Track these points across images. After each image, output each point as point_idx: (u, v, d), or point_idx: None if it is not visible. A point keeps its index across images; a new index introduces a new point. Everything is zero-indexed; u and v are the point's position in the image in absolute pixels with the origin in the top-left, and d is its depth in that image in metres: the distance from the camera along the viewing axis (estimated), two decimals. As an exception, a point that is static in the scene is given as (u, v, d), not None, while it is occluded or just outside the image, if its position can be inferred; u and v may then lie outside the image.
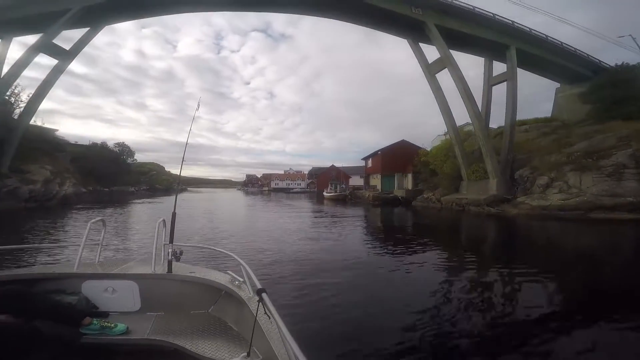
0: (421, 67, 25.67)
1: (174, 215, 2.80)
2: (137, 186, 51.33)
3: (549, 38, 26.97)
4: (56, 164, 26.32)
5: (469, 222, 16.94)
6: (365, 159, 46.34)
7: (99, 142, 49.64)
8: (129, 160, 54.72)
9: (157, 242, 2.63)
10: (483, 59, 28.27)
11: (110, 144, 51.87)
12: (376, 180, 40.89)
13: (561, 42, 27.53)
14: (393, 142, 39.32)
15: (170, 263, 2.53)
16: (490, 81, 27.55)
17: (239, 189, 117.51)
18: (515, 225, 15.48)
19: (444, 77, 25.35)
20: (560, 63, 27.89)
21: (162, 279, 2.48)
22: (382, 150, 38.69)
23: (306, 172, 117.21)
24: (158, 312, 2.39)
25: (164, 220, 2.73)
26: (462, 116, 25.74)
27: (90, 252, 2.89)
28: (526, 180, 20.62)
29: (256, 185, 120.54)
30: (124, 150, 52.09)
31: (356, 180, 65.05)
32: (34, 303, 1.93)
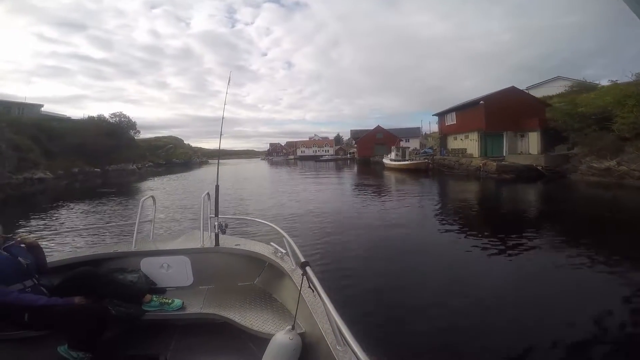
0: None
1: (217, 188, 2.76)
2: (141, 162, 42.22)
3: None
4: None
5: None
6: (442, 114, 32.66)
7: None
8: (133, 133, 45.52)
9: (203, 216, 2.74)
10: None
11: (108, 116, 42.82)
12: (464, 142, 28.16)
13: None
14: (499, 90, 25.86)
15: (217, 236, 2.64)
16: None
17: (263, 159, 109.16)
18: None
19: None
20: None
21: (211, 253, 2.63)
22: (485, 98, 25.21)
23: (332, 138, 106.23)
24: (209, 286, 2.55)
25: (208, 194, 2.77)
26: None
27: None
28: None
29: (281, 154, 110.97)
30: (122, 122, 42.72)
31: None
32: (102, 284, 2.09)
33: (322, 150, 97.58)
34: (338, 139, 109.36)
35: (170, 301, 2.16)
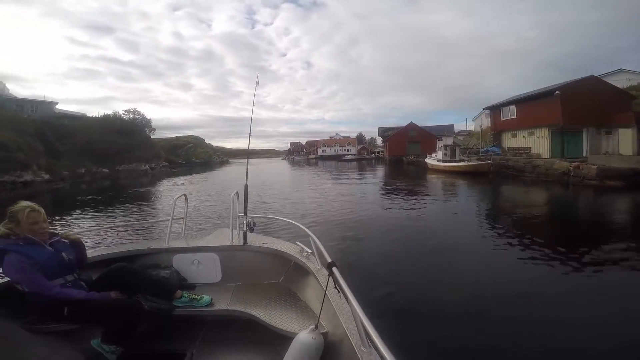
0: None
1: (246, 187, 2.84)
2: (154, 162, 39.95)
3: None
4: None
5: None
6: (497, 107, 27.40)
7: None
8: (148, 132, 43.61)
9: (232, 214, 2.75)
10: None
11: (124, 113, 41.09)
12: (527, 140, 23.39)
13: None
14: (576, 79, 21.36)
15: (245, 234, 2.69)
16: None
17: (284, 158, 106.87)
18: None
19: None
20: None
21: (239, 250, 2.67)
22: (560, 88, 20.29)
23: (353, 137, 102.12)
24: (236, 283, 2.57)
25: (237, 193, 2.79)
26: None
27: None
28: None
29: (301, 154, 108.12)
30: (136, 119, 40.82)
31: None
32: (137, 279, 2.12)
33: (344, 150, 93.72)
34: (360, 138, 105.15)
35: (199, 297, 2.20)
